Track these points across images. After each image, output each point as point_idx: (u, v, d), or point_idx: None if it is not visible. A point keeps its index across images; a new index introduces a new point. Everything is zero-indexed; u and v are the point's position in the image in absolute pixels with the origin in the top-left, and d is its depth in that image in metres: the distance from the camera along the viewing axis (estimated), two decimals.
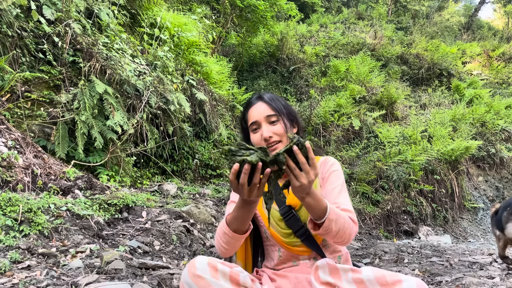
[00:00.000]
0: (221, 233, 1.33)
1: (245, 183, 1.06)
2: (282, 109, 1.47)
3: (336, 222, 1.23)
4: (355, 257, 3.81)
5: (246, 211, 1.23)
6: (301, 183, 1.10)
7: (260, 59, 10.01)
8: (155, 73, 4.59)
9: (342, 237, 1.27)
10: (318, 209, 1.20)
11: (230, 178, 1.07)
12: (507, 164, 8.25)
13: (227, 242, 1.31)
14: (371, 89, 9.01)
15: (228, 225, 1.29)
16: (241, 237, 1.29)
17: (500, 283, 2.57)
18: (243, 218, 1.25)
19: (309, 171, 1.09)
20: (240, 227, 1.27)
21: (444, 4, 19.11)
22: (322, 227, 1.22)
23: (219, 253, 1.38)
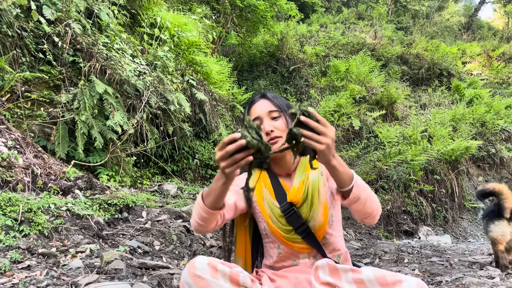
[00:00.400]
0: (196, 207, 1.33)
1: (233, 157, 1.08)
2: (285, 107, 1.50)
3: (363, 190, 1.22)
4: (355, 257, 3.81)
5: (222, 185, 1.21)
6: (325, 144, 1.09)
7: (260, 59, 10.01)
8: (155, 73, 4.59)
9: (371, 208, 1.25)
10: (345, 173, 1.19)
11: (224, 140, 1.09)
12: (507, 164, 8.25)
13: (200, 216, 1.30)
14: (371, 89, 9.01)
15: (203, 198, 1.29)
16: (213, 213, 1.28)
17: (500, 283, 2.57)
18: (217, 193, 1.24)
19: (325, 131, 1.09)
20: (214, 202, 1.26)
21: (444, 4, 19.11)
22: (352, 193, 1.20)
23: (193, 227, 1.37)
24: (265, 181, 1.51)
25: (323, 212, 1.44)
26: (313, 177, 1.47)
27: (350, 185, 1.20)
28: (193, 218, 1.35)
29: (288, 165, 1.52)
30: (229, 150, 1.07)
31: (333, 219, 1.47)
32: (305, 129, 1.08)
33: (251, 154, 1.07)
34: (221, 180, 1.20)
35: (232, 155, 1.07)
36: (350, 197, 1.20)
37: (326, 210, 1.45)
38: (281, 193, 1.47)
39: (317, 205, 1.43)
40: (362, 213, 1.26)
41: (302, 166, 1.52)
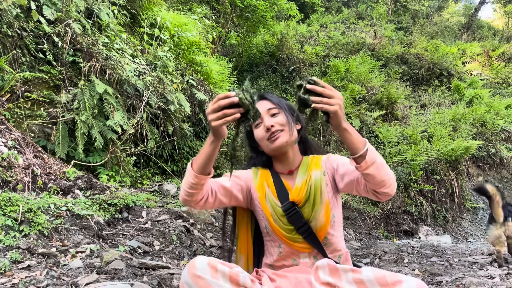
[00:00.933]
0: (185, 176, 1.35)
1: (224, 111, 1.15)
2: (284, 104, 1.52)
3: (377, 155, 1.22)
4: (355, 257, 3.81)
5: (209, 148, 1.26)
6: (336, 104, 1.14)
7: (260, 59, 10.00)
8: (155, 73, 4.58)
9: (387, 174, 1.23)
10: (357, 137, 1.21)
11: (219, 95, 1.17)
12: (507, 164, 8.25)
13: (187, 183, 1.32)
14: (371, 89, 9.00)
15: (192, 163, 1.32)
16: (201, 178, 1.30)
17: (500, 283, 2.57)
18: (206, 156, 1.27)
19: (333, 94, 1.14)
20: (202, 165, 1.29)
21: (444, 4, 19.10)
22: (368, 155, 1.19)
23: (181, 199, 1.39)
24: (268, 180, 1.51)
25: (325, 212, 1.44)
26: (315, 177, 1.47)
27: (364, 148, 1.20)
28: (181, 189, 1.36)
29: (290, 163, 1.52)
30: (221, 104, 1.15)
31: (335, 219, 1.47)
32: (313, 96, 1.14)
33: (240, 113, 1.15)
34: (210, 139, 1.25)
35: (223, 110, 1.15)
36: (367, 159, 1.19)
37: (328, 210, 1.44)
38: (283, 192, 1.47)
39: (319, 205, 1.43)
40: (379, 180, 1.22)
41: (305, 165, 1.51)
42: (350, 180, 1.35)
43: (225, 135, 1.24)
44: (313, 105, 1.13)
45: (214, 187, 1.41)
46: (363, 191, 1.30)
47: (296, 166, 1.52)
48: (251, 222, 1.60)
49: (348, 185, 1.39)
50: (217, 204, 1.43)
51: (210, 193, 1.38)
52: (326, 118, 1.17)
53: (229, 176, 1.44)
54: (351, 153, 1.23)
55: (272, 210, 1.45)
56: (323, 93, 1.13)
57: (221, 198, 1.43)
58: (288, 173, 1.52)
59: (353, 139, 1.20)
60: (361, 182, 1.29)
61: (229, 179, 1.46)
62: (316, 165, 1.51)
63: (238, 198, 1.49)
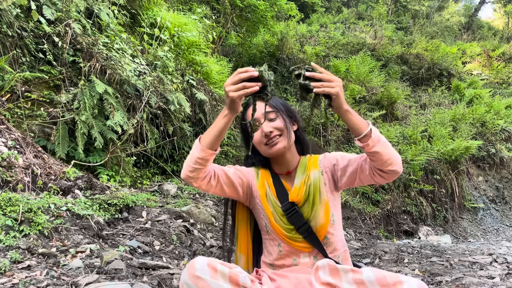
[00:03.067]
0: (191, 151, 1.34)
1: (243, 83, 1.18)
2: (281, 106, 1.51)
3: (381, 135, 1.26)
4: (355, 257, 3.81)
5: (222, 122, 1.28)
6: (337, 86, 1.17)
7: (260, 59, 9.99)
8: (155, 73, 4.58)
9: (393, 152, 1.26)
10: (359, 119, 1.25)
11: (239, 69, 1.20)
12: (507, 164, 8.25)
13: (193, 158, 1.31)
14: (371, 89, 9.00)
15: (200, 138, 1.33)
16: (207, 152, 1.30)
17: (500, 283, 2.57)
18: (217, 128, 1.29)
19: (332, 78, 1.18)
20: (211, 139, 1.29)
21: (444, 4, 19.10)
22: (373, 134, 1.23)
23: (183, 175, 1.37)
24: (268, 180, 1.52)
25: (325, 212, 1.44)
26: (314, 177, 1.47)
27: (368, 128, 1.24)
28: (185, 164, 1.35)
29: (288, 165, 1.52)
30: (242, 76, 1.18)
31: (334, 218, 1.48)
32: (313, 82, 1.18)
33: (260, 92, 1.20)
34: (224, 112, 1.26)
35: (242, 82, 1.18)
36: (373, 136, 1.23)
37: (327, 210, 1.45)
38: (283, 192, 1.47)
39: (319, 204, 1.44)
40: (386, 157, 1.25)
41: (303, 166, 1.52)
42: (354, 170, 1.38)
43: (239, 110, 1.27)
44: (314, 90, 1.17)
45: (218, 172, 1.42)
46: (368, 176, 1.33)
47: (294, 167, 1.52)
48: (251, 221, 1.60)
49: (351, 176, 1.40)
50: (218, 189, 1.43)
51: (213, 175, 1.39)
52: (328, 101, 1.21)
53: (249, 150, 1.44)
54: (355, 134, 1.26)
55: (273, 209, 1.46)
56: (322, 78, 1.17)
57: (222, 184, 1.43)
58: (287, 174, 1.53)
59: (356, 120, 1.24)
60: (364, 168, 1.32)
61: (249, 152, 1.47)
62: (313, 165, 1.51)
63: (238, 190, 1.49)
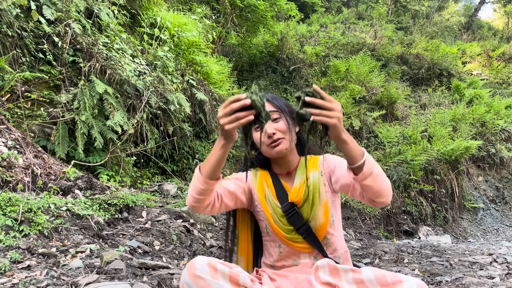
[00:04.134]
0: (192, 181, 1.33)
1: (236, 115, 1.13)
2: (284, 108, 1.49)
3: (375, 166, 1.21)
4: (355, 257, 3.81)
5: (219, 152, 1.24)
6: (335, 117, 1.12)
7: (260, 59, 10.00)
8: (155, 73, 4.58)
9: (383, 185, 1.22)
10: (356, 148, 1.20)
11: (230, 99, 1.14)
12: (507, 164, 8.25)
13: (196, 188, 1.30)
14: (371, 89, 9.00)
15: (200, 169, 1.30)
16: (209, 183, 1.28)
17: (500, 283, 2.57)
18: (216, 161, 1.26)
19: (332, 106, 1.11)
20: (211, 170, 1.27)
21: (444, 4, 19.10)
22: (365, 166, 1.19)
23: (188, 205, 1.37)
24: (267, 181, 1.51)
25: (324, 212, 1.44)
26: (313, 178, 1.47)
27: (362, 159, 1.19)
28: (189, 194, 1.34)
29: (289, 164, 1.52)
30: (234, 107, 1.12)
31: (334, 219, 1.47)
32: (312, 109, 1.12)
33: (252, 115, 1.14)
34: (220, 143, 1.23)
35: (235, 113, 1.13)
36: (364, 170, 1.19)
37: (327, 210, 1.45)
38: (283, 193, 1.47)
39: (318, 205, 1.44)
40: (375, 190, 1.22)
41: (302, 166, 1.51)
42: (346, 184, 1.34)
43: (235, 138, 1.22)
44: (312, 118, 1.11)
45: (220, 191, 1.41)
46: (359, 197, 1.30)
47: (294, 167, 1.52)
48: (251, 224, 1.60)
49: (343, 187, 1.39)
50: (223, 207, 1.43)
51: (216, 197, 1.38)
52: (325, 130, 1.16)
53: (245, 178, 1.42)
54: (348, 163, 1.22)
55: (273, 211, 1.46)
56: (322, 106, 1.11)
57: (226, 202, 1.42)
58: (286, 174, 1.53)
59: (351, 149, 1.19)
60: (356, 188, 1.29)
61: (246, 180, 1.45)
62: (313, 165, 1.51)
63: (242, 200, 1.49)
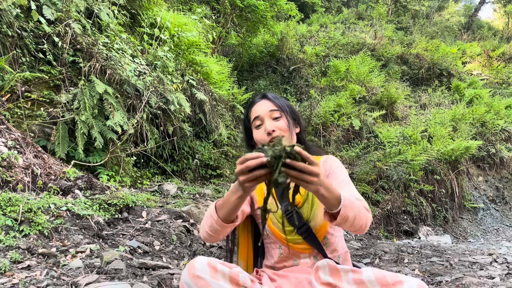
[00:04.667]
0: (208, 216, 1.30)
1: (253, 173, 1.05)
2: (286, 107, 1.50)
3: (351, 209, 1.20)
4: (355, 257, 3.81)
5: (236, 197, 1.19)
6: (312, 182, 1.05)
7: (260, 59, 10.00)
8: (155, 73, 4.58)
9: (359, 224, 1.24)
10: (333, 198, 1.16)
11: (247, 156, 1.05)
12: (507, 164, 8.25)
13: (211, 227, 1.29)
14: (371, 89, 9.01)
15: (217, 210, 1.27)
16: (224, 225, 1.27)
17: (500, 283, 2.57)
18: (232, 206, 1.22)
19: (312, 169, 1.04)
20: (226, 215, 1.24)
21: (444, 4, 19.11)
22: (339, 216, 1.18)
23: (201, 237, 1.35)
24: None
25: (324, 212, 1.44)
26: None
27: (337, 208, 1.17)
28: (203, 228, 1.33)
29: None
30: (250, 165, 1.04)
31: None
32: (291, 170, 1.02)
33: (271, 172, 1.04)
34: (238, 193, 1.18)
35: (252, 170, 1.05)
36: (338, 219, 1.19)
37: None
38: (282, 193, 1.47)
39: (318, 205, 1.43)
40: (350, 229, 1.27)
41: None
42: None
43: (254, 190, 1.17)
44: (289, 180, 1.03)
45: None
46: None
47: None
48: (252, 227, 1.59)
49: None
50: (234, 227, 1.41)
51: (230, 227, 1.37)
52: (297, 190, 1.09)
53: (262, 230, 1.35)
54: (325, 207, 1.21)
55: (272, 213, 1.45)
56: (303, 169, 1.02)
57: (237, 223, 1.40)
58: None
59: (327, 200, 1.16)
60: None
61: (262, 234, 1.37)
62: None
63: (247, 211, 1.48)
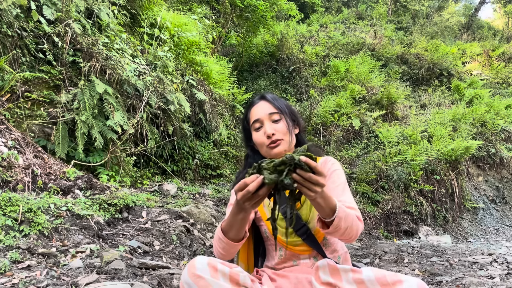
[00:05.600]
0: (217, 239, 1.32)
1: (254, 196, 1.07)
2: (285, 109, 1.49)
3: (345, 220, 1.21)
4: (355, 257, 3.81)
5: (241, 217, 1.21)
6: (315, 191, 1.07)
7: (260, 59, 10.01)
8: (155, 73, 4.58)
9: (349, 234, 1.26)
10: (328, 207, 1.17)
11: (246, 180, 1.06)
12: (507, 164, 8.25)
13: (223, 248, 1.31)
14: (371, 89, 9.01)
15: (223, 232, 1.28)
16: (236, 244, 1.29)
17: (500, 283, 2.57)
18: (239, 225, 1.24)
19: (318, 179, 1.05)
20: (235, 235, 1.26)
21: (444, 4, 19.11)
22: (332, 226, 1.20)
23: (217, 257, 1.37)
24: None
25: None
26: None
27: (331, 218, 1.19)
28: (217, 250, 1.34)
29: None
30: (251, 189, 1.05)
31: None
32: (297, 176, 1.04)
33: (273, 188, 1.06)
34: (241, 214, 1.20)
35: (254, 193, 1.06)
36: (330, 229, 1.21)
37: None
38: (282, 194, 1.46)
39: None
40: (340, 238, 1.29)
41: None
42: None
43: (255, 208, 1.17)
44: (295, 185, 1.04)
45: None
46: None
47: None
48: (252, 229, 1.59)
49: None
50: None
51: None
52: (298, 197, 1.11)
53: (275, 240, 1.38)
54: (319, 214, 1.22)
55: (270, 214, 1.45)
56: (309, 179, 1.04)
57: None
58: None
59: (322, 209, 1.18)
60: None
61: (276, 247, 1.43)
62: None
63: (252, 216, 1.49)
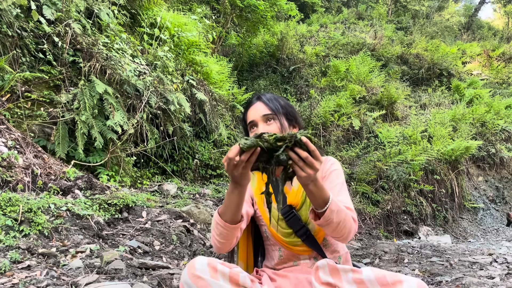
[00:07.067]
0: (214, 225, 1.32)
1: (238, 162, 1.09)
2: (279, 109, 1.47)
3: (337, 214, 1.22)
4: (355, 257, 3.81)
5: (236, 195, 1.23)
6: (307, 174, 1.09)
7: (260, 59, 10.01)
8: (155, 73, 4.58)
9: (342, 232, 1.26)
10: (321, 197, 1.19)
11: (228, 154, 1.09)
12: (507, 164, 8.25)
13: (221, 234, 1.30)
14: (371, 89, 9.01)
15: (220, 215, 1.29)
16: (233, 227, 1.28)
17: (500, 283, 2.57)
18: (234, 205, 1.25)
19: (313, 162, 1.08)
20: (232, 216, 1.27)
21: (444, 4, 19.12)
22: (323, 217, 1.21)
23: (215, 249, 1.37)
24: None
25: None
26: None
27: (323, 209, 1.20)
28: (214, 238, 1.34)
29: None
30: (230, 155, 1.09)
31: None
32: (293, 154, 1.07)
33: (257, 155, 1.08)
34: (235, 190, 1.21)
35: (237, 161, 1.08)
36: (321, 220, 1.22)
37: None
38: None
39: None
40: (332, 234, 1.29)
41: None
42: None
43: (249, 180, 1.19)
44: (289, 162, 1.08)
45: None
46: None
47: None
48: (252, 229, 1.59)
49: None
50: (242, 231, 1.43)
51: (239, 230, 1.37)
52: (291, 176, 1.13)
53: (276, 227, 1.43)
54: (312, 204, 1.23)
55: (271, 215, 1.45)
56: (305, 159, 1.07)
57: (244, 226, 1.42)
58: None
59: (314, 198, 1.19)
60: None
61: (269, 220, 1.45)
62: None
63: (250, 212, 1.49)
